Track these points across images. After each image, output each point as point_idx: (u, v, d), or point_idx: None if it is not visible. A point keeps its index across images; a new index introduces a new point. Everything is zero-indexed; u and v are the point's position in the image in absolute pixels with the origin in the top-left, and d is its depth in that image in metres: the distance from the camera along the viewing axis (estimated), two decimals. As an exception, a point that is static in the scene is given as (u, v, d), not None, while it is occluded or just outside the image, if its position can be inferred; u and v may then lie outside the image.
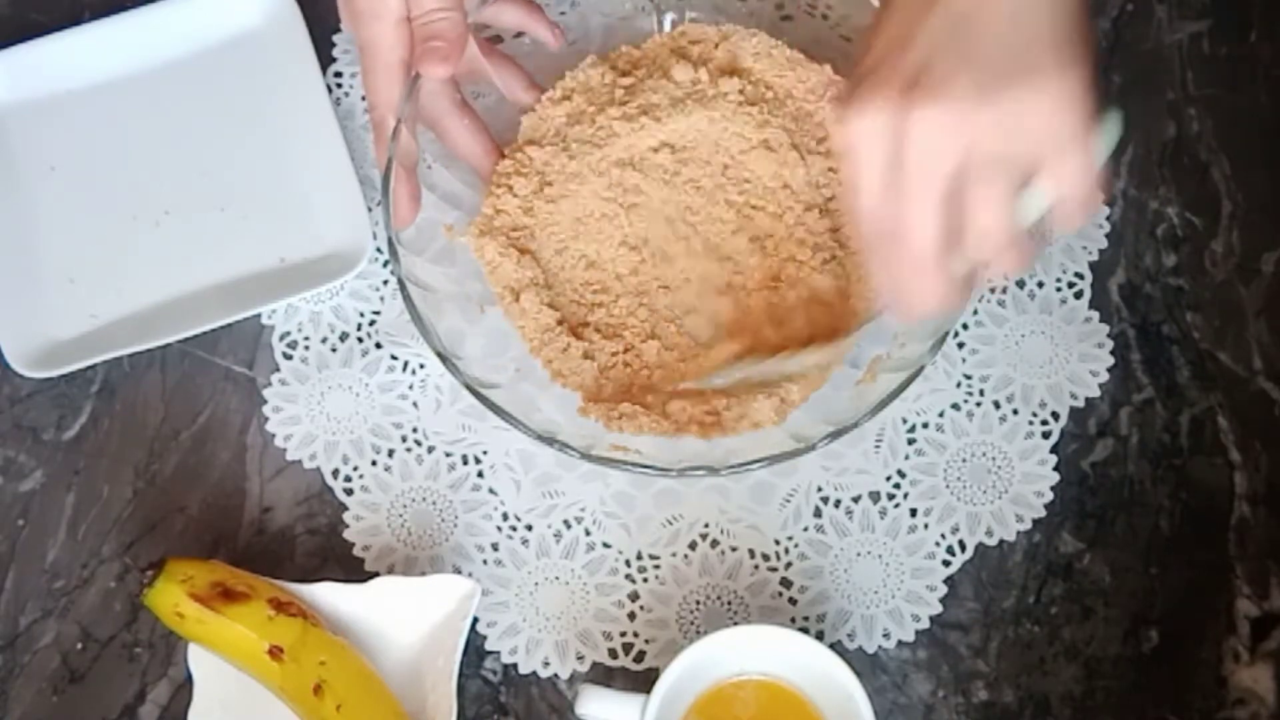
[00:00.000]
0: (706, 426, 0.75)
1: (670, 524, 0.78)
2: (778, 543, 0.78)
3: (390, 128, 0.75)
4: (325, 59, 0.89)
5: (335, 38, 0.90)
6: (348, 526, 0.78)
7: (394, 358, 0.82)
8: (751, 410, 0.74)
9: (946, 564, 0.77)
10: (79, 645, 0.76)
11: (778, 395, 0.75)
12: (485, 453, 0.80)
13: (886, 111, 0.58)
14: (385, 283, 0.84)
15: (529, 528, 0.78)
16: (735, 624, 0.73)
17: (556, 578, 0.77)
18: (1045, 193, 0.59)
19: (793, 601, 0.77)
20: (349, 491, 0.79)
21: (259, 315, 0.83)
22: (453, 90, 0.78)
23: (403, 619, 0.73)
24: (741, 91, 0.80)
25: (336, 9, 0.91)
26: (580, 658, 0.76)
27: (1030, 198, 0.59)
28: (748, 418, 0.74)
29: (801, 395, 0.75)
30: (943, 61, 0.58)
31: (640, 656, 0.76)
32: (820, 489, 0.79)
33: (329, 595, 0.73)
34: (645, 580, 0.77)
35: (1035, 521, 0.78)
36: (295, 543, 0.78)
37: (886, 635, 0.76)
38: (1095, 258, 0.84)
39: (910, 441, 0.80)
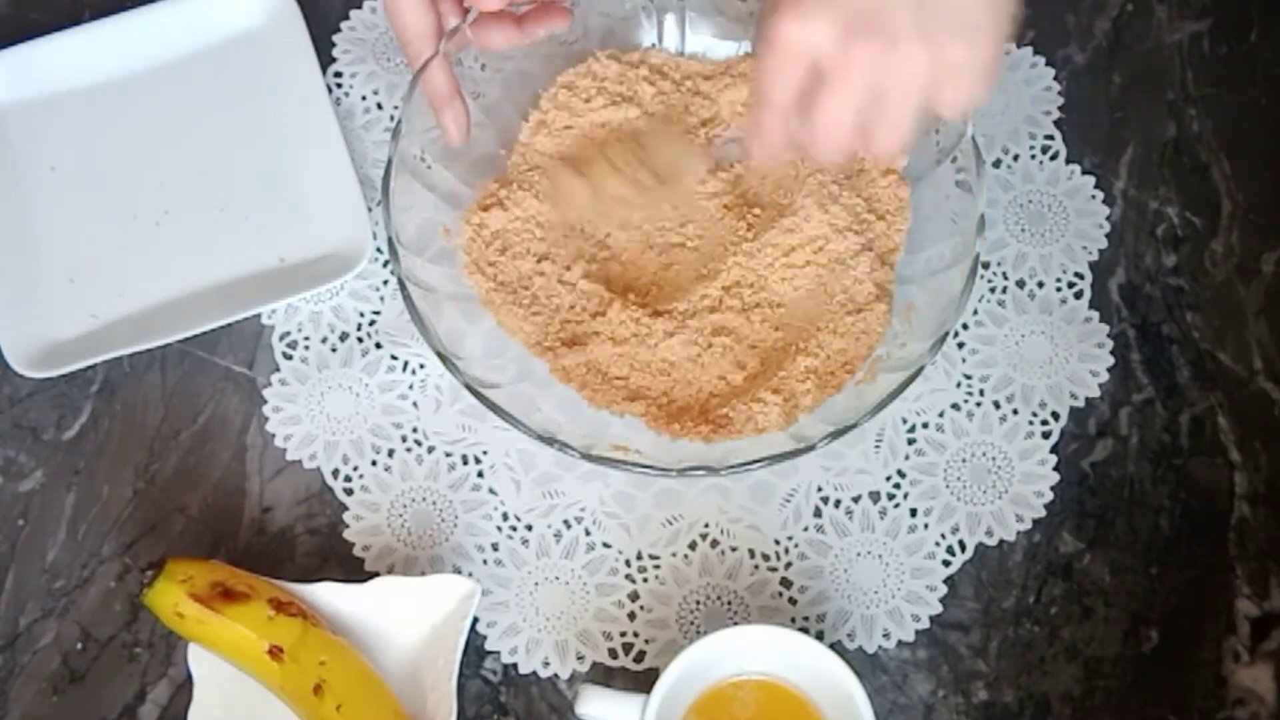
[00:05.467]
0: (713, 430, 0.75)
1: (670, 524, 0.78)
2: (778, 543, 0.78)
3: (424, 57, 0.77)
4: (325, 59, 0.89)
5: (335, 38, 0.90)
6: (348, 526, 0.78)
7: (394, 358, 0.82)
8: (758, 415, 0.74)
9: (946, 564, 0.77)
10: (79, 645, 0.76)
11: (793, 400, 0.75)
12: (485, 453, 0.80)
13: (827, 36, 0.62)
14: (385, 283, 0.84)
15: (529, 528, 0.78)
16: (735, 624, 0.73)
17: (556, 578, 0.77)
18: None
19: (793, 601, 0.77)
20: (349, 491, 0.79)
21: (259, 315, 0.83)
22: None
23: (403, 619, 0.73)
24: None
25: (336, 9, 0.91)
26: (580, 658, 0.76)
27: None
28: (753, 421, 0.75)
29: (815, 400, 0.75)
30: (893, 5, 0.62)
31: (640, 656, 0.76)
32: (820, 489, 0.79)
33: (329, 595, 0.73)
34: (645, 580, 0.77)
35: (1035, 521, 0.78)
36: (295, 543, 0.78)
37: (886, 635, 0.76)
38: (1095, 258, 0.84)
39: (910, 441, 0.80)
